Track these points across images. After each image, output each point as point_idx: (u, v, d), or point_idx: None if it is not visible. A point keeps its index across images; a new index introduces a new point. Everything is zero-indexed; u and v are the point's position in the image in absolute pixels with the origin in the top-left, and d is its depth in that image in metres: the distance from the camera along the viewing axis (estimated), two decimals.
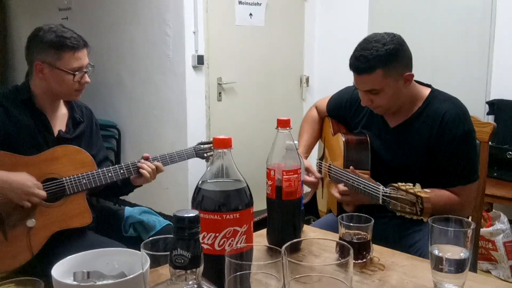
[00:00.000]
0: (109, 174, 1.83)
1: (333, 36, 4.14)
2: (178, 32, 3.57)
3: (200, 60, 3.57)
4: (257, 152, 3.65)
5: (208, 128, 3.74)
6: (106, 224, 1.96)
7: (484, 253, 2.98)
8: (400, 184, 1.38)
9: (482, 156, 1.91)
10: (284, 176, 1.23)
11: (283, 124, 1.24)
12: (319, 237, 1.45)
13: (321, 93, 3.72)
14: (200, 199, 0.98)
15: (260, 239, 1.32)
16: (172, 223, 0.69)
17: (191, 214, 0.68)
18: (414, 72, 1.72)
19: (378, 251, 1.29)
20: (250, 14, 3.86)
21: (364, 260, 1.22)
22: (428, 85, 1.81)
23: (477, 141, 1.87)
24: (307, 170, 1.93)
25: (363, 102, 1.75)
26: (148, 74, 3.87)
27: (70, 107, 1.92)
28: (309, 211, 2.15)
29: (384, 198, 1.43)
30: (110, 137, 4.16)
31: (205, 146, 2.07)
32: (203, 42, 3.60)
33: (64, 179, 1.75)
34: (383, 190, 1.45)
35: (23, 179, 1.65)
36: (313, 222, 2.06)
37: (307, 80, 4.32)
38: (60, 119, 1.87)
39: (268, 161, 1.26)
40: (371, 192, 1.53)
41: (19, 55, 5.41)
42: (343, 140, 1.83)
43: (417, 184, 1.35)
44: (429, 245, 1.09)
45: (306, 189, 1.99)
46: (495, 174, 3.01)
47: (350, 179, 1.69)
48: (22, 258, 1.68)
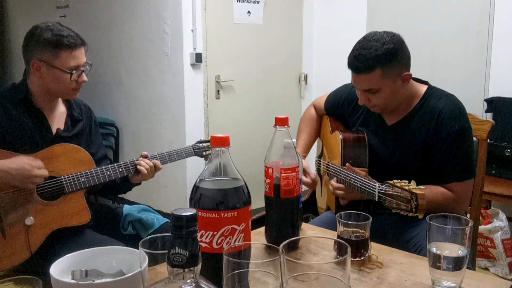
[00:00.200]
0: (108, 172, 1.83)
1: (332, 33, 4.14)
2: (176, 30, 3.57)
3: (198, 58, 3.57)
4: (256, 150, 3.65)
5: (206, 126, 3.74)
6: (104, 222, 1.96)
7: (483, 251, 2.98)
8: (395, 181, 1.39)
9: (481, 154, 1.91)
10: (282, 174, 1.23)
11: (281, 122, 1.24)
12: (317, 235, 1.45)
13: (320, 91, 3.72)
14: (198, 197, 0.98)
15: (258, 237, 1.33)
16: (170, 221, 0.69)
17: (189, 213, 0.68)
18: (413, 69, 1.72)
19: (376, 249, 1.29)
20: (248, 12, 3.85)
21: (362, 258, 1.23)
22: (425, 82, 1.81)
23: (475, 138, 1.87)
24: (304, 171, 1.93)
25: (361, 101, 1.75)
26: (146, 72, 3.87)
27: (68, 105, 1.91)
28: (308, 209, 2.15)
29: (380, 195, 1.45)
30: (109, 135, 4.16)
31: (204, 144, 2.08)
32: (201, 40, 3.60)
33: (62, 177, 1.75)
34: (379, 187, 1.46)
35: (21, 163, 1.64)
36: (312, 220, 2.06)
37: (306, 78, 4.32)
38: (58, 117, 1.87)
39: (266, 159, 1.26)
40: (367, 189, 1.54)
41: (17, 54, 5.40)
42: (340, 138, 1.83)
43: (412, 181, 1.35)
44: (427, 243, 1.09)
45: (305, 187, 1.99)
46: (494, 171, 3.01)
47: (348, 176, 1.69)
48: (21, 256, 1.68)
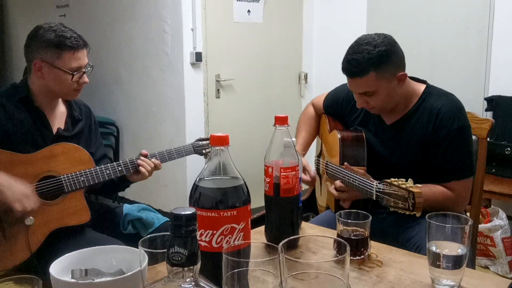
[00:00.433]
0: (107, 171, 1.83)
1: (332, 32, 4.14)
2: (176, 29, 3.56)
3: (198, 57, 3.57)
4: (255, 149, 3.65)
5: (206, 125, 3.74)
6: (104, 222, 1.96)
7: (483, 249, 2.98)
8: (392, 179, 1.40)
9: (480, 152, 1.91)
10: (282, 173, 1.23)
11: (281, 121, 1.24)
12: (317, 234, 1.45)
13: (320, 90, 3.71)
14: (197, 196, 0.97)
15: (258, 236, 1.33)
16: (170, 220, 0.69)
17: (188, 212, 0.68)
18: (413, 68, 1.72)
19: (375, 248, 1.29)
20: (248, 11, 3.85)
21: (362, 256, 1.23)
22: (423, 81, 1.81)
23: (475, 137, 1.87)
24: (303, 169, 1.93)
25: (359, 104, 1.75)
26: (146, 72, 3.87)
27: (68, 105, 1.92)
28: (308, 208, 2.16)
29: (378, 193, 1.45)
30: (109, 134, 4.16)
31: (204, 142, 2.07)
32: (201, 39, 3.60)
33: (62, 176, 1.75)
34: (377, 186, 1.47)
35: (20, 183, 1.64)
36: (312, 218, 2.06)
37: (306, 77, 4.32)
38: (58, 117, 1.87)
39: (266, 158, 1.26)
40: (365, 188, 1.54)
41: (17, 53, 5.40)
42: (339, 137, 1.83)
43: (409, 180, 1.36)
44: (426, 242, 1.09)
45: (305, 185, 1.99)
46: (494, 170, 3.01)
47: (346, 175, 1.70)
48: (21, 256, 1.68)
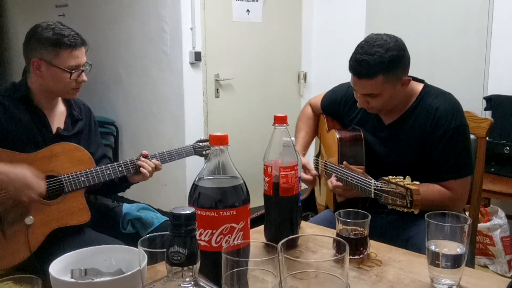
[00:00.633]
0: (108, 171, 1.83)
1: (331, 31, 4.14)
2: (175, 28, 3.56)
3: (198, 56, 3.57)
4: (255, 149, 3.65)
5: (206, 124, 3.74)
6: (104, 221, 1.96)
7: (482, 248, 2.99)
8: (390, 177, 1.40)
9: (480, 152, 1.91)
10: (281, 173, 1.23)
11: (280, 120, 1.24)
12: (316, 234, 1.45)
13: (319, 89, 3.71)
14: (196, 196, 0.98)
15: (257, 236, 1.33)
16: (169, 219, 0.69)
17: (187, 212, 0.68)
18: (412, 68, 1.72)
19: (375, 247, 1.30)
20: (248, 10, 3.85)
21: (361, 256, 1.23)
22: (421, 81, 1.81)
23: (474, 136, 1.87)
24: (304, 168, 1.93)
25: (360, 104, 1.75)
26: (145, 71, 3.86)
27: (68, 104, 1.92)
28: (307, 207, 2.16)
29: (376, 191, 1.46)
30: (108, 134, 4.16)
31: (204, 144, 2.08)
32: (201, 38, 3.60)
33: (62, 176, 1.75)
34: (375, 184, 1.47)
35: (23, 171, 1.62)
36: (311, 218, 2.06)
37: (305, 76, 4.32)
38: (58, 116, 1.87)
39: (265, 157, 1.26)
40: (363, 187, 1.55)
41: (16, 52, 5.40)
42: (337, 136, 1.83)
43: (407, 177, 1.36)
44: (425, 241, 1.09)
45: (304, 185, 1.99)
46: (493, 169, 3.01)
47: (344, 174, 1.70)
48: (20, 255, 1.68)
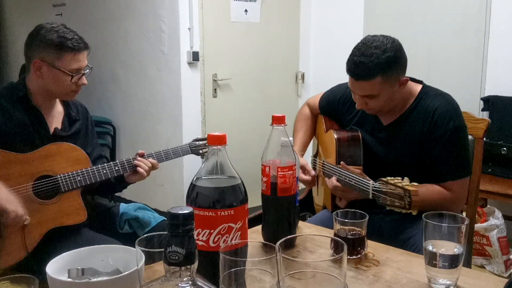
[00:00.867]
0: (104, 171, 1.83)
1: (329, 32, 4.14)
2: (173, 28, 3.56)
3: (195, 56, 3.57)
4: (252, 149, 3.65)
5: (203, 124, 3.74)
6: (101, 221, 1.95)
7: (479, 249, 2.99)
8: (389, 178, 1.40)
9: (477, 152, 1.91)
10: (279, 173, 1.23)
11: (278, 120, 1.24)
12: (314, 233, 1.45)
13: (317, 89, 3.72)
14: (194, 195, 0.97)
15: (255, 236, 1.33)
16: (167, 219, 0.69)
17: (185, 211, 0.68)
18: (410, 68, 1.72)
19: (372, 247, 1.30)
20: (246, 10, 3.85)
21: (359, 255, 1.23)
22: (420, 81, 1.82)
23: (471, 137, 1.88)
24: (303, 169, 1.93)
25: (358, 105, 1.75)
26: (143, 71, 3.86)
27: (66, 105, 1.92)
28: (305, 207, 2.16)
29: (374, 192, 1.45)
30: (105, 134, 4.15)
31: (200, 142, 2.08)
32: (198, 38, 3.60)
33: (58, 176, 1.75)
34: (373, 184, 1.47)
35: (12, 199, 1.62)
36: (309, 218, 2.06)
37: (303, 76, 4.32)
38: (56, 116, 1.87)
39: (263, 157, 1.26)
40: (361, 187, 1.54)
41: (13, 52, 5.39)
42: (335, 137, 1.83)
43: (405, 178, 1.36)
44: (423, 241, 1.09)
45: (302, 185, 1.99)
46: (490, 170, 3.02)
47: (342, 175, 1.70)
48: (17, 255, 1.67)
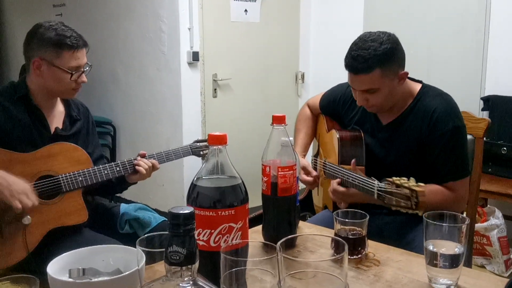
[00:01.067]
0: (105, 171, 1.83)
1: (329, 32, 4.14)
2: (173, 28, 3.56)
3: (195, 56, 3.57)
4: (253, 149, 3.65)
5: (203, 124, 3.74)
6: (101, 221, 1.95)
7: (479, 248, 2.99)
8: (394, 178, 1.38)
9: (477, 152, 1.91)
10: (279, 173, 1.23)
11: (279, 120, 1.24)
12: (315, 233, 1.45)
13: (317, 89, 3.72)
14: (195, 195, 0.98)
15: (256, 236, 1.33)
16: (167, 219, 0.69)
17: (186, 211, 0.68)
18: (410, 68, 1.72)
19: (373, 247, 1.30)
20: (245, 10, 3.85)
21: (359, 255, 1.23)
22: (419, 81, 1.82)
23: (471, 136, 1.88)
24: (304, 170, 1.92)
25: (359, 101, 1.75)
26: (143, 71, 3.86)
27: (67, 104, 1.92)
28: (305, 207, 2.16)
29: (379, 193, 1.44)
30: (106, 134, 4.15)
31: (201, 144, 2.08)
32: (198, 38, 3.60)
33: (60, 176, 1.75)
34: (378, 185, 1.45)
35: (19, 180, 1.63)
36: (309, 218, 2.06)
37: (303, 76, 4.32)
38: (57, 116, 1.87)
39: (263, 157, 1.26)
40: (366, 187, 1.53)
41: (13, 52, 5.39)
42: (337, 136, 1.83)
43: (411, 178, 1.35)
44: (424, 241, 1.09)
45: (302, 185, 1.99)
46: (490, 169, 3.02)
47: (345, 175, 1.69)
48: (18, 255, 1.67)
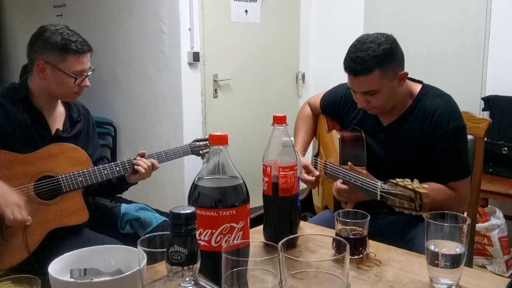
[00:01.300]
0: (105, 171, 1.83)
1: (329, 32, 4.14)
2: (173, 28, 3.56)
3: (196, 57, 3.57)
4: (254, 149, 3.65)
5: (204, 124, 3.74)
6: (102, 221, 1.96)
7: (480, 248, 2.99)
8: (398, 180, 1.37)
9: (478, 152, 1.91)
10: (280, 173, 1.23)
11: (279, 120, 1.24)
12: (316, 233, 1.45)
13: (317, 89, 3.71)
14: (196, 195, 0.98)
15: (257, 236, 1.33)
16: (168, 219, 0.69)
17: (188, 211, 0.68)
18: (410, 68, 1.72)
19: (374, 247, 1.30)
20: (246, 11, 3.85)
21: (361, 255, 1.23)
22: (419, 81, 1.81)
23: (472, 137, 1.88)
24: (306, 169, 1.92)
25: (360, 103, 1.74)
26: (143, 71, 3.86)
27: (67, 106, 1.92)
28: (305, 208, 2.16)
29: (382, 194, 1.43)
30: (106, 134, 4.15)
31: (201, 143, 2.08)
32: (199, 38, 3.60)
33: (60, 177, 1.75)
34: (381, 186, 1.44)
35: (15, 192, 1.63)
36: (310, 218, 2.06)
37: (303, 76, 4.32)
38: (57, 118, 1.87)
39: (264, 157, 1.26)
40: (369, 189, 1.53)
41: (13, 53, 5.39)
42: (338, 136, 1.82)
43: (415, 180, 1.34)
44: (425, 241, 1.09)
45: (303, 185, 1.99)
46: (491, 169, 3.02)
47: (347, 175, 1.69)
48: (19, 256, 1.67)
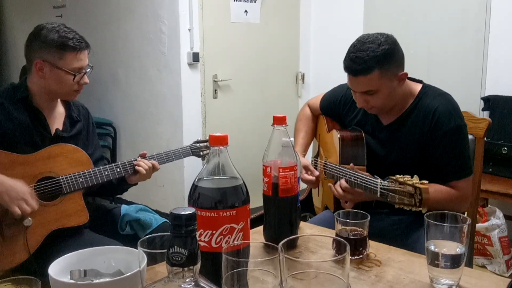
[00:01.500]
0: (106, 172, 1.83)
1: (329, 32, 4.14)
2: (173, 29, 3.56)
3: (196, 57, 3.57)
4: (253, 149, 3.65)
5: (204, 125, 3.74)
6: (102, 223, 1.95)
7: (480, 248, 2.99)
8: (398, 176, 1.38)
9: (478, 152, 1.91)
10: (280, 173, 1.23)
11: (279, 121, 1.24)
12: (316, 234, 1.45)
13: (317, 90, 3.72)
14: (196, 196, 0.98)
15: (257, 236, 1.33)
16: (168, 220, 0.69)
17: (188, 212, 0.68)
18: (410, 68, 1.72)
19: (374, 247, 1.30)
20: (245, 11, 3.86)
21: (361, 256, 1.23)
22: (420, 81, 1.82)
23: (472, 136, 1.88)
24: (306, 169, 1.92)
25: (359, 103, 1.75)
26: (143, 72, 3.86)
27: (67, 106, 1.92)
28: (305, 208, 2.16)
29: (382, 191, 1.44)
30: (106, 135, 4.15)
31: (201, 144, 2.08)
32: (199, 39, 3.60)
33: (60, 177, 1.75)
34: (381, 183, 1.45)
35: (19, 184, 1.63)
36: (310, 219, 2.06)
37: (303, 77, 4.32)
38: (57, 117, 1.87)
39: (264, 158, 1.26)
40: (369, 186, 1.53)
41: (13, 53, 5.39)
42: (338, 136, 1.83)
43: (415, 176, 1.35)
44: (425, 241, 1.09)
45: (303, 185, 1.99)
46: (490, 169, 3.02)
47: (347, 174, 1.69)
48: (19, 257, 1.67)
